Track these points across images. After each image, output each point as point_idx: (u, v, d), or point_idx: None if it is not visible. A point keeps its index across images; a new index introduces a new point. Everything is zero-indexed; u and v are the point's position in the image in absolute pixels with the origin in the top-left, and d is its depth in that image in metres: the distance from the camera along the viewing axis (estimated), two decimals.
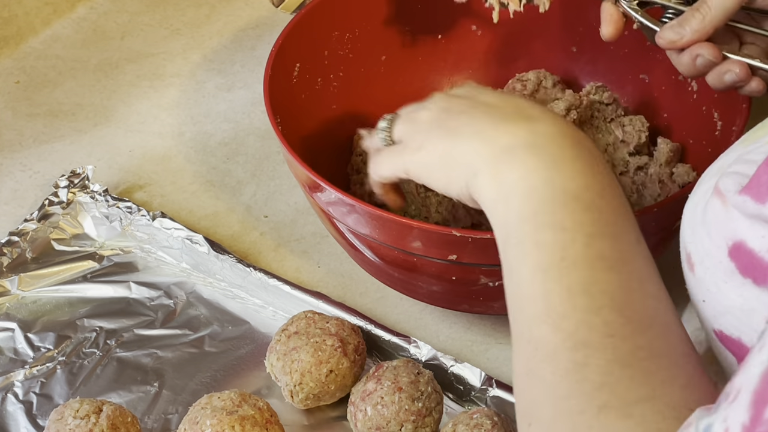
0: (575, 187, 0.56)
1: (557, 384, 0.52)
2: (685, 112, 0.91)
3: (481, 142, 0.60)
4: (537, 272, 0.55)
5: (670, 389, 0.51)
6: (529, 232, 0.56)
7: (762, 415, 0.39)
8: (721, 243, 0.51)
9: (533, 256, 0.55)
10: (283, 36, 0.88)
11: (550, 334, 0.53)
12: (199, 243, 0.90)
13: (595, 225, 0.55)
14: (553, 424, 0.52)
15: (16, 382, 0.83)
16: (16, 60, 1.13)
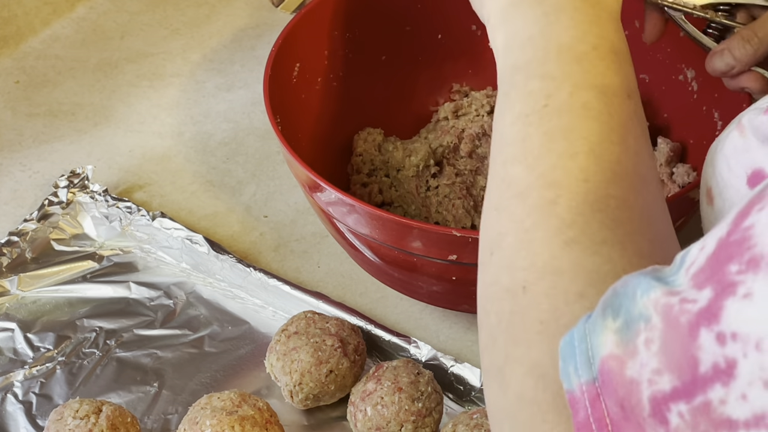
0: (569, 38, 0.56)
1: (525, 217, 0.52)
2: (685, 112, 0.91)
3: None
4: (519, 117, 0.55)
5: (639, 240, 0.50)
6: (518, 81, 0.56)
7: (739, 226, 0.40)
8: (740, 172, 0.52)
9: (518, 103, 0.55)
10: (283, 36, 0.88)
11: (524, 173, 0.53)
12: (198, 243, 0.90)
13: (584, 76, 0.55)
14: (516, 252, 0.51)
15: (15, 383, 0.83)
16: (15, 60, 1.13)
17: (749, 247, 0.38)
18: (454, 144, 0.92)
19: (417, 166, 0.91)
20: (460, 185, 0.91)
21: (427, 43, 0.97)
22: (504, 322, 0.50)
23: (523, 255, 0.51)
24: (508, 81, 0.57)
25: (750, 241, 0.39)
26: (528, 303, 0.49)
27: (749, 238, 0.39)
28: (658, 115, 0.94)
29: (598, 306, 0.44)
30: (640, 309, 0.42)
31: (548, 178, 0.52)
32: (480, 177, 0.91)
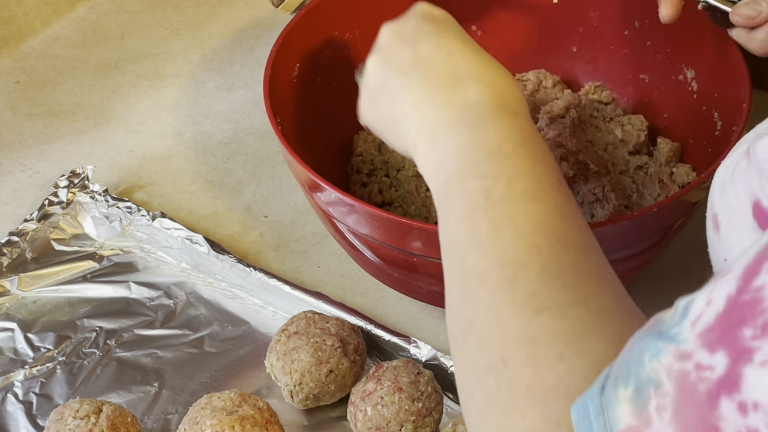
0: (496, 141, 0.59)
1: (490, 297, 0.53)
2: (685, 112, 0.91)
3: (416, 116, 0.62)
4: (464, 214, 0.57)
5: (600, 298, 0.52)
6: (455, 186, 0.58)
7: (750, 284, 0.39)
8: (746, 200, 0.52)
9: (460, 203, 0.58)
10: (283, 36, 0.88)
11: (480, 260, 0.55)
12: (199, 243, 0.90)
13: (517, 168, 0.57)
14: (489, 331, 0.52)
15: (16, 382, 0.83)
16: (16, 60, 1.13)
17: (762, 310, 0.38)
18: None
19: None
20: None
21: None
22: (491, 397, 0.51)
23: (497, 331, 0.52)
24: (444, 189, 0.59)
25: (762, 304, 0.38)
26: (512, 374, 0.50)
27: (761, 301, 0.38)
28: (658, 115, 0.94)
29: (610, 376, 0.45)
30: (648, 373, 0.42)
31: (504, 259, 0.54)
32: None
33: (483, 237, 0.55)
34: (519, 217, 0.55)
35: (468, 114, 0.61)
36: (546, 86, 0.95)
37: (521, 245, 0.54)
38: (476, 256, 0.55)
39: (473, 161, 0.58)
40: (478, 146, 0.59)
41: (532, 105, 0.94)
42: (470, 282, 0.55)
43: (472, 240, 0.56)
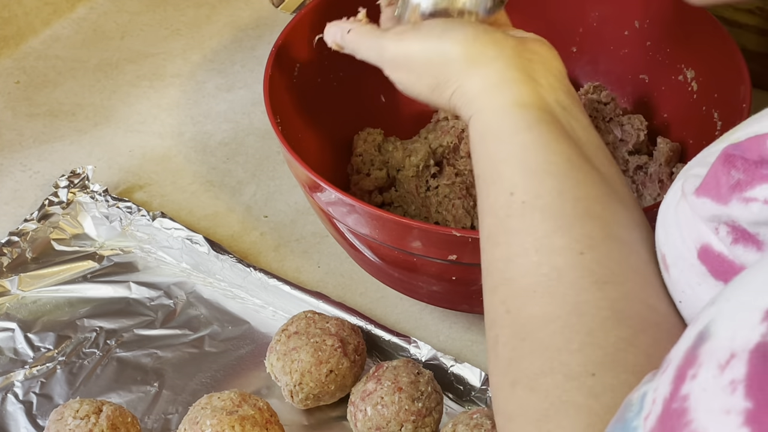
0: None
1: (488, 360, 0.57)
2: (685, 112, 0.91)
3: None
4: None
5: (566, 356, 0.52)
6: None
7: (678, 392, 0.39)
8: (691, 245, 0.52)
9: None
10: (283, 36, 0.88)
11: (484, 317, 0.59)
12: (199, 243, 0.90)
13: (481, 210, 0.61)
14: (492, 398, 0.56)
15: (16, 382, 0.83)
16: (16, 60, 1.13)
17: (687, 423, 0.38)
18: (454, 144, 0.92)
19: (417, 166, 0.91)
20: (460, 185, 0.91)
21: None
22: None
23: (493, 400, 0.56)
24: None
25: (687, 416, 0.38)
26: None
27: (686, 412, 0.38)
28: (658, 115, 0.94)
29: None
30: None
31: (488, 318, 0.57)
32: None
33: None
34: (491, 267, 0.59)
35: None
36: None
37: (494, 302, 0.57)
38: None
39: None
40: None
41: None
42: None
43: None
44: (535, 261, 0.56)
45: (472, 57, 0.64)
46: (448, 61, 0.65)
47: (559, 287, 0.55)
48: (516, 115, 0.61)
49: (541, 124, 0.61)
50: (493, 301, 0.57)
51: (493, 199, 0.60)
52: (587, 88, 0.93)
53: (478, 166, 0.62)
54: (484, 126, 0.62)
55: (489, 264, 0.59)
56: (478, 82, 0.63)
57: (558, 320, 0.53)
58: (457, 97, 0.65)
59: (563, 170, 0.59)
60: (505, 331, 0.55)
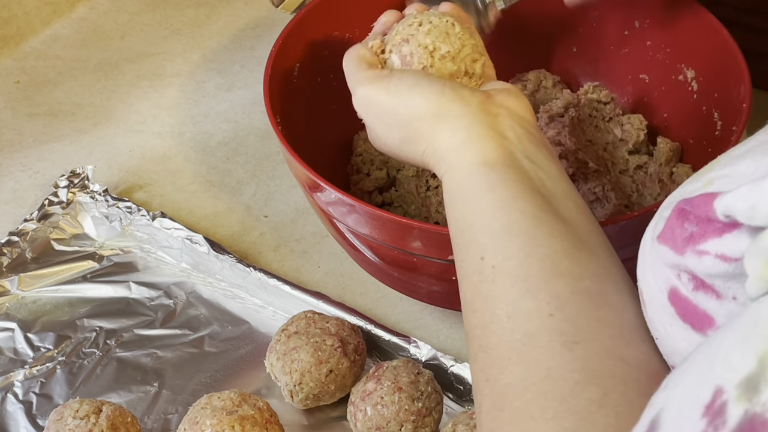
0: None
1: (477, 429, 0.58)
2: (685, 112, 0.91)
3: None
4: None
5: (541, 425, 0.52)
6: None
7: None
8: (662, 286, 0.52)
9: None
10: (283, 36, 0.88)
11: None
12: (199, 243, 0.90)
13: (458, 273, 0.61)
14: None
15: (16, 382, 0.83)
16: (16, 60, 1.13)
17: None
18: None
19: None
20: None
21: None
22: None
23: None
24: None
25: None
26: None
27: None
28: (658, 115, 0.94)
29: None
30: None
31: (474, 388, 0.58)
32: None
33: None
34: (470, 335, 0.59)
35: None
36: (546, 86, 0.95)
37: (476, 371, 0.58)
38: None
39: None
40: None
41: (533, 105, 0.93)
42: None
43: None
44: (508, 327, 0.56)
45: (439, 113, 0.64)
46: (416, 117, 0.65)
47: (531, 353, 0.54)
48: (481, 175, 0.61)
49: (506, 182, 0.60)
50: (474, 369, 0.58)
51: (467, 265, 0.60)
52: (587, 88, 0.93)
53: (451, 229, 0.62)
54: (453, 187, 0.62)
55: (468, 331, 0.59)
56: (446, 140, 0.63)
57: (532, 387, 0.53)
58: (429, 155, 0.65)
59: (528, 229, 0.58)
60: (486, 400, 0.55)
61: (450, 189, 0.62)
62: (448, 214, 0.63)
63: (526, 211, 0.59)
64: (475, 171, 0.61)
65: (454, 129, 0.63)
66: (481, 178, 0.61)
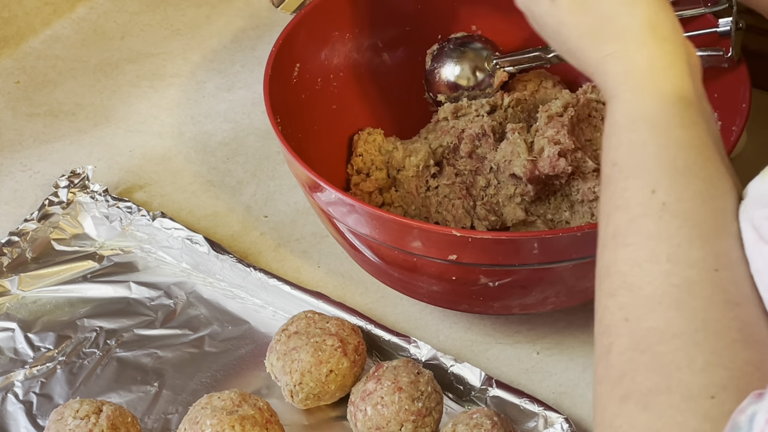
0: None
1: (596, 367, 0.54)
2: None
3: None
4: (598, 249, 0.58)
5: (687, 375, 0.50)
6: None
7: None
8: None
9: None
10: (283, 36, 0.88)
11: (595, 321, 0.56)
12: (199, 243, 0.90)
13: (610, 202, 0.57)
14: (594, 408, 0.54)
15: (16, 382, 0.83)
16: (16, 60, 1.13)
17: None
18: (454, 144, 0.92)
19: (417, 166, 0.91)
20: (460, 185, 0.91)
21: (428, 43, 0.97)
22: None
23: (596, 410, 0.53)
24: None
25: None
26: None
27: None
28: None
29: None
30: None
31: (603, 324, 0.54)
32: (479, 177, 0.91)
33: (596, 290, 0.56)
34: (613, 270, 0.55)
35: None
36: (546, 86, 0.95)
37: (611, 307, 0.54)
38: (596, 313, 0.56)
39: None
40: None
41: (533, 105, 0.94)
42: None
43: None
44: (666, 270, 0.53)
45: (652, 27, 0.59)
46: (627, 14, 0.59)
47: (689, 301, 0.52)
48: (676, 108, 0.57)
49: (698, 125, 0.57)
50: (609, 305, 0.54)
51: (629, 194, 0.56)
52: (585, 88, 0.93)
53: (615, 152, 0.58)
54: (639, 110, 0.58)
55: (610, 265, 0.55)
56: (646, 57, 0.59)
57: (683, 336, 0.51)
58: (616, 60, 0.59)
59: (711, 177, 0.56)
60: (622, 340, 0.53)
61: (633, 110, 0.58)
62: (614, 134, 0.58)
63: (713, 160, 0.56)
64: (671, 102, 0.57)
65: (658, 51, 0.59)
66: (677, 111, 0.57)
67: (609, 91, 0.60)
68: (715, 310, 0.52)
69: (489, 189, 0.90)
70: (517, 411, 0.78)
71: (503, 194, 0.89)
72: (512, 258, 0.75)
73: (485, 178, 0.90)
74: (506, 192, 0.89)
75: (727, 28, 0.84)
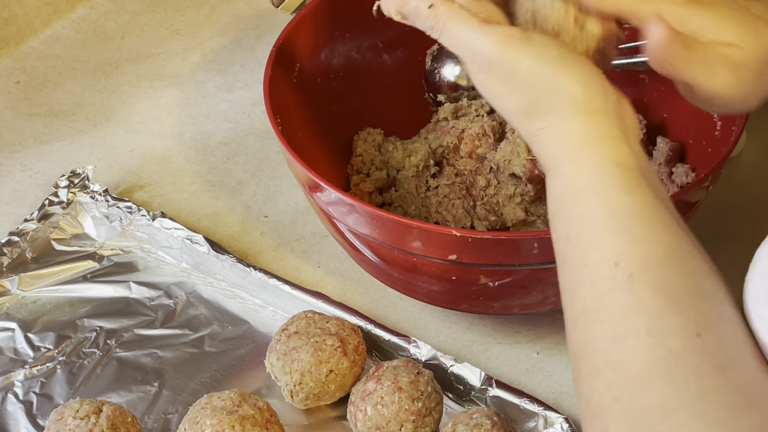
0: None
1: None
2: (685, 112, 0.91)
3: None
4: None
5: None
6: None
7: None
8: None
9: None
10: (283, 36, 0.88)
11: (581, 404, 0.55)
12: (199, 243, 0.90)
13: (572, 279, 0.56)
14: None
15: (16, 382, 0.83)
16: (16, 60, 1.13)
17: None
18: (454, 144, 0.92)
19: (417, 166, 0.91)
20: (460, 185, 0.91)
21: (428, 43, 0.97)
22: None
23: None
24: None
25: None
26: None
27: None
28: (658, 114, 0.94)
29: None
30: None
31: (591, 408, 0.53)
32: (479, 177, 0.91)
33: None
34: (590, 349, 0.54)
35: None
36: None
37: (598, 389, 0.53)
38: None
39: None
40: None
41: None
42: None
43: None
44: (648, 343, 0.51)
45: (581, 101, 0.59)
46: (554, 94, 0.59)
47: (678, 373, 0.50)
48: (618, 176, 0.56)
49: (643, 189, 0.56)
50: (595, 386, 0.52)
51: (591, 269, 0.54)
52: None
53: (565, 226, 0.57)
54: (580, 182, 0.57)
55: (586, 344, 0.54)
56: (578, 130, 0.58)
57: (681, 410, 0.49)
58: (549, 135, 0.59)
59: (670, 242, 0.54)
60: (618, 423, 0.51)
61: (573, 183, 0.57)
62: (560, 209, 0.58)
63: (667, 222, 0.55)
64: (612, 171, 0.56)
65: (590, 123, 0.58)
66: (619, 179, 0.56)
67: (546, 164, 0.60)
68: (707, 378, 0.50)
69: (489, 189, 0.90)
70: (517, 411, 0.78)
71: (503, 194, 0.89)
72: (512, 258, 0.75)
73: (485, 178, 0.90)
74: (506, 192, 0.89)
75: None
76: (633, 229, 0.54)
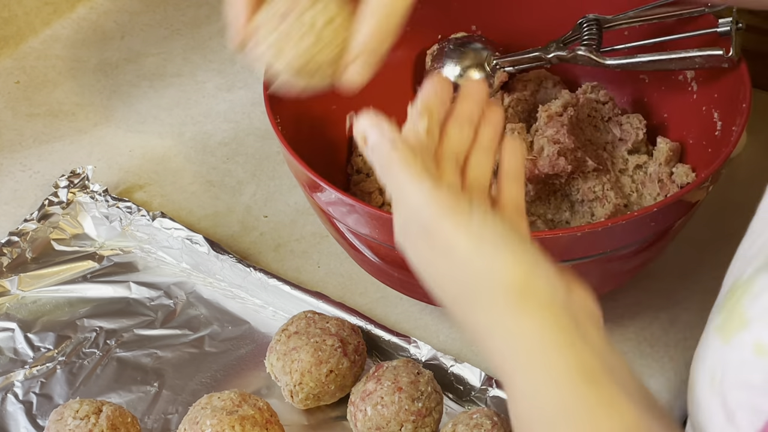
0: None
1: None
2: (685, 112, 0.91)
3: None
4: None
5: None
6: None
7: None
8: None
9: None
10: None
11: None
12: (199, 243, 0.90)
13: None
14: None
15: (16, 382, 0.83)
16: (16, 60, 1.13)
17: None
18: None
19: None
20: None
21: (428, 43, 0.97)
22: None
23: None
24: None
25: None
26: None
27: None
28: (657, 115, 0.94)
29: None
30: None
31: None
32: None
33: None
34: None
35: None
36: (546, 87, 0.95)
37: None
38: None
39: None
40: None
41: (533, 105, 0.94)
42: None
43: None
44: None
45: (524, 293, 0.53)
46: (494, 283, 0.54)
47: None
48: (582, 390, 0.52)
49: (615, 398, 0.52)
50: None
51: None
52: (585, 87, 0.93)
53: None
54: (548, 400, 0.53)
55: None
56: (528, 332, 0.53)
57: None
58: (496, 336, 0.54)
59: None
60: None
61: (542, 403, 0.53)
62: (522, 425, 0.54)
63: (643, 419, 0.51)
64: (580, 384, 0.52)
65: (536, 321, 0.53)
66: (582, 395, 0.52)
67: (497, 368, 0.55)
68: None
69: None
70: None
71: None
72: None
73: None
74: None
75: (727, 28, 0.84)
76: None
